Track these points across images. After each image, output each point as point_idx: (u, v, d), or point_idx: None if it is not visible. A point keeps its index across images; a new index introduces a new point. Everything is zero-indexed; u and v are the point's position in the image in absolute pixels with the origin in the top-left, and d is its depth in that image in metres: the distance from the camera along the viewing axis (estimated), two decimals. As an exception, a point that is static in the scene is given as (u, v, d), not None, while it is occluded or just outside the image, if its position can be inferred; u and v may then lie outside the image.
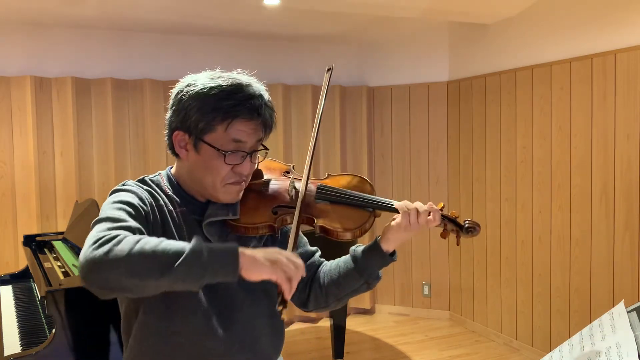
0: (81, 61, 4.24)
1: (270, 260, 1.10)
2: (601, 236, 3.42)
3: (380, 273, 1.41)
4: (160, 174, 1.39)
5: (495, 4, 3.82)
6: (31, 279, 2.97)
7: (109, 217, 1.16)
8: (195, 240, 1.07)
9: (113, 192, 1.29)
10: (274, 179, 1.43)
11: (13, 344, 2.22)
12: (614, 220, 3.33)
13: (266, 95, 1.32)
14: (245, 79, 1.31)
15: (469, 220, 1.42)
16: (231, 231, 1.34)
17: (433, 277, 4.90)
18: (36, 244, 3.31)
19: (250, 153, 1.30)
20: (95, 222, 1.16)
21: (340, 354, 3.82)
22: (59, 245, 3.21)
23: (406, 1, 3.61)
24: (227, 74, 1.31)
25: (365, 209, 1.39)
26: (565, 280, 3.69)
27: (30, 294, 2.83)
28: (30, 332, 2.33)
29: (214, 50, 4.61)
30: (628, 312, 1.30)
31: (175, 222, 1.30)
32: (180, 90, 1.31)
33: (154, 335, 1.29)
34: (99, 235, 1.07)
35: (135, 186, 1.31)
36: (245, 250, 1.10)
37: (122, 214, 1.18)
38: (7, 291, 2.91)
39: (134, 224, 1.15)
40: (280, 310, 1.14)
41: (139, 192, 1.28)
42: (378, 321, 4.88)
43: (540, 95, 3.81)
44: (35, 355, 2.06)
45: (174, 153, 1.34)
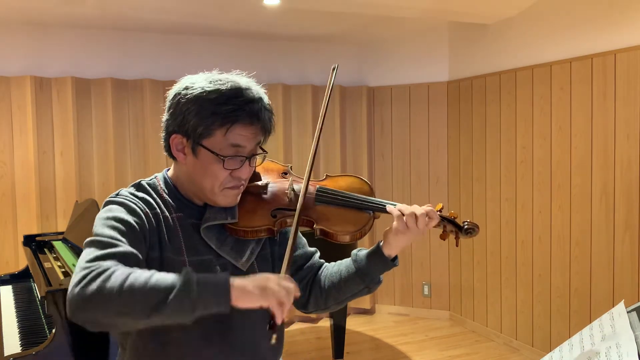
0: (81, 61, 4.24)
1: (260, 288, 1.09)
2: (601, 236, 3.42)
3: (381, 277, 1.40)
4: (157, 177, 1.36)
5: (495, 4, 3.82)
6: (31, 279, 2.97)
7: (99, 242, 1.13)
8: (184, 274, 1.05)
9: (106, 204, 1.26)
10: (272, 181, 1.41)
11: (13, 344, 2.22)
12: (614, 220, 3.33)
13: (265, 98, 1.29)
14: (245, 81, 1.28)
15: (467, 221, 1.41)
16: (230, 234, 1.32)
17: (433, 277, 4.90)
18: (36, 244, 3.31)
19: (249, 157, 1.28)
20: (86, 244, 1.14)
21: (340, 354, 3.82)
22: (59, 245, 3.21)
23: (406, 1, 3.61)
24: (226, 77, 1.27)
25: (365, 211, 1.38)
26: (565, 280, 3.69)
27: (30, 294, 2.83)
28: (30, 332, 2.33)
29: (214, 50, 4.61)
30: (628, 312, 1.30)
31: (170, 229, 1.27)
32: (177, 93, 1.27)
33: (150, 344, 1.27)
34: (86, 271, 1.05)
35: (130, 197, 1.27)
36: (235, 280, 1.08)
37: (114, 233, 1.15)
38: (7, 291, 2.91)
39: (124, 249, 1.13)
40: (270, 336, 1.13)
41: (132, 205, 1.24)
42: (378, 321, 4.88)
43: (540, 95, 3.81)
44: (35, 355, 2.06)
45: (171, 156, 1.32)
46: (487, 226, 4.33)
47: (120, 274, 1.04)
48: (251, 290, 1.08)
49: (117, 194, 1.29)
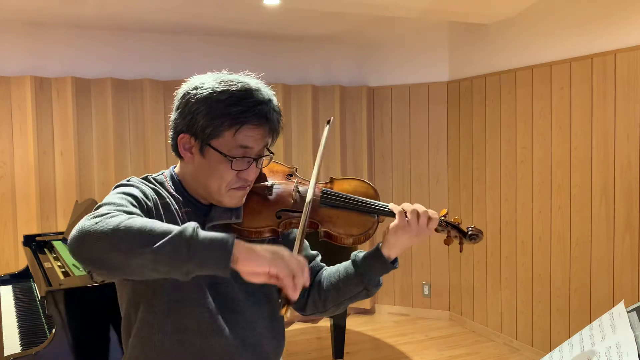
0: (81, 61, 4.24)
1: (271, 252, 1.06)
2: (601, 236, 3.42)
3: (381, 280, 1.40)
4: (164, 174, 1.37)
5: (495, 4, 3.82)
6: (31, 279, 2.97)
7: (110, 202, 1.15)
8: (189, 222, 1.05)
9: (117, 187, 1.27)
10: (277, 183, 1.41)
11: (13, 344, 2.22)
12: (614, 220, 3.33)
13: (274, 99, 1.29)
14: (254, 82, 1.27)
15: (472, 227, 1.42)
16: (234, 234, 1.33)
17: (433, 277, 4.90)
18: (36, 244, 3.31)
19: (256, 158, 1.29)
20: (95, 208, 1.15)
21: (340, 354, 3.82)
22: (59, 245, 3.21)
23: (406, 1, 3.61)
24: (236, 78, 1.27)
25: (370, 215, 1.38)
26: (565, 280, 3.69)
27: (30, 294, 2.83)
28: (30, 332, 2.33)
29: (214, 50, 4.61)
30: (628, 312, 1.30)
31: (179, 222, 1.27)
32: (187, 93, 1.27)
33: (158, 332, 1.27)
34: (96, 213, 1.08)
35: (140, 183, 1.29)
36: (243, 242, 1.06)
37: (124, 201, 1.17)
38: (7, 291, 2.91)
39: (133, 210, 1.14)
40: (284, 313, 1.08)
41: (143, 188, 1.26)
42: (378, 321, 4.88)
43: (540, 95, 3.81)
44: (35, 355, 2.06)
45: (178, 155, 1.32)
46: (487, 226, 4.33)
47: (122, 215, 1.06)
48: (261, 253, 1.05)
49: (129, 180, 1.30)
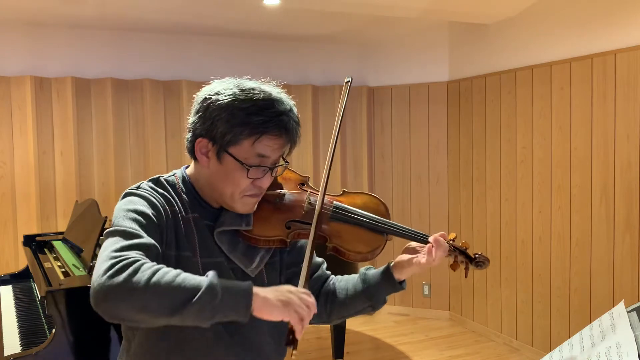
0: (81, 61, 4.24)
1: (282, 301, 1.09)
2: (601, 236, 3.42)
3: (387, 297, 1.41)
4: (176, 175, 1.36)
5: (495, 4, 3.82)
6: (31, 279, 2.97)
7: (123, 231, 1.13)
8: (210, 278, 1.06)
9: (126, 195, 1.26)
10: (289, 192, 1.41)
11: (13, 344, 2.22)
12: (614, 220, 3.33)
13: (295, 110, 1.29)
14: (276, 92, 1.27)
15: (479, 254, 1.42)
16: (242, 241, 1.33)
17: (433, 277, 4.90)
18: (36, 244, 3.31)
19: (272, 167, 1.29)
20: (107, 234, 1.14)
21: (340, 354, 3.81)
22: (59, 245, 3.21)
23: (406, 1, 3.61)
24: (258, 86, 1.27)
25: (379, 233, 1.38)
26: (565, 280, 3.69)
27: (30, 294, 2.83)
28: (30, 332, 2.33)
29: (214, 50, 4.61)
30: (628, 312, 1.30)
31: (187, 228, 1.28)
32: (208, 97, 1.26)
33: (161, 340, 1.28)
34: (114, 261, 1.05)
35: (150, 191, 1.28)
36: (258, 290, 1.08)
37: (136, 226, 1.16)
38: (7, 291, 2.91)
39: (147, 240, 1.14)
40: (291, 351, 1.12)
41: (153, 200, 1.25)
42: (378, 321, 4.88)
43: (540, 95, 3.81)
44: (35, 355, 2.06)
45: (193, 157, 1.32)
46: (487, 226, 4.33)
47: (147, 267, 1.04)
48: (274, 302, 1.09)
49: (138, 187, 1.29)
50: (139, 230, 1.15)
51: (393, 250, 1.73)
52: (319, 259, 1.50)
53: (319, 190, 1.37)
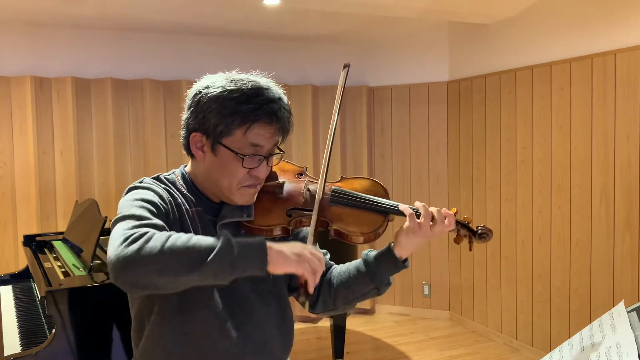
0: (81, 61, 4.24)
1: (296, 254, 1.13)
2: (601, 236, 3.42)
3: (391, 279, 1.41)
4: (175, 173, 1.39)
5: (495, 4, 3.82)
6: (31, 279, 2.97)
7: (132, 215, 1.16)
8: (224, 235, 1.09)
9: (131, 189, 1.28)
10: (288, 181, 1.43)
11: (13, 344, 2.22)
12: (614, 220, 3.33)
13: (284, 98, 1.32)
14: (264, 81, 1.31)
15: (481, 226, 1.44)
16: (245, 232, 1.35)
17: (433, 277, 4.90)
18: (36, 244, 3.30)
19: (267, 156, 1.31)
20: (116, 220, 1.16)
21: (340, 354, 3.82)
22: (59, 245, 3.21)
23: (406, 1, 3.61)
24: (246, 77, 1.30)
25: (380, 213, 1.39)
26: (565, 280, 3.69)
27: (30, 294, 2.83)
28: (30, 332, 2.33)
29: (214, 50, 4.61)
30: (628, 312, 1.30)
31: (193, 221, 1.30)
32: (198, 92, 1.30)
33: (168, 334, 1.29)
34: (128, 233, 1.08)
35: (154, 184, 1.31)
36: (272, 244, 1.12)
37: (144, 211, 1.18)
38: (7, 291, 2.91)
39: (157, 222, 1.16)
40: (303, 302, 1.17)
41: (158, 190, 1.28)
42: (378, 321, 4.88)
43: (540, 95, 3.81)
44: (35, 355, 2.06)
45: (190, 154, 1.34)
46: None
47: (160, 235, 1.08)
48: (288, 255, 1.13)
49: (142, 182, 1.32)
50: (148, 214, 1.18)
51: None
52: (322, 250, 1.51)
53: (317, 179, 1.40)
